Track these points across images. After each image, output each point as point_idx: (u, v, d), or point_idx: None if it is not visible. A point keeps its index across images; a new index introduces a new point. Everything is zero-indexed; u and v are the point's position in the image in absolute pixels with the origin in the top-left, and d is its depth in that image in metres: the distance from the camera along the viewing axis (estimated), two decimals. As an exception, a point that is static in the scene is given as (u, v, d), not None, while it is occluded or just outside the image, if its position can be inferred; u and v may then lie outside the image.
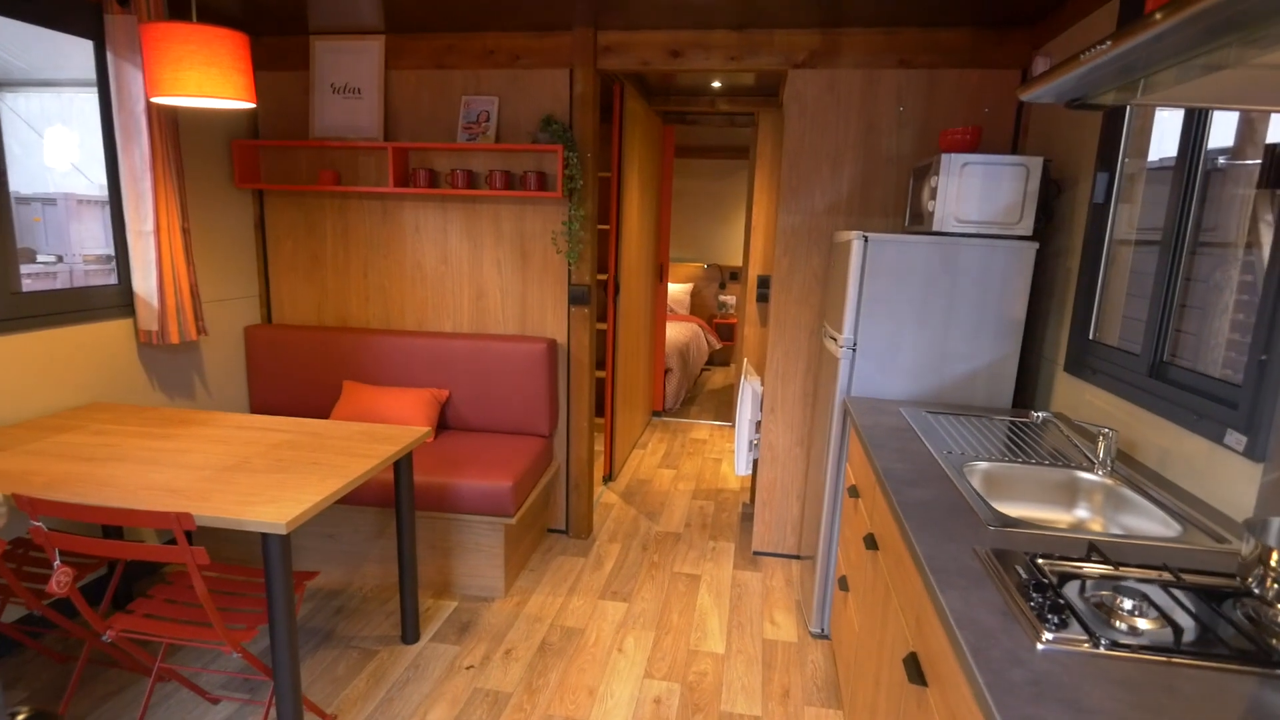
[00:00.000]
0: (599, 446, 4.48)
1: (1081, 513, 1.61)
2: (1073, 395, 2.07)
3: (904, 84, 2.66)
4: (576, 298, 2.99)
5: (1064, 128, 2.29)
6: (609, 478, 3.94)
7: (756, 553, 3.13)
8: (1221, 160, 2.00)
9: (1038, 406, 2.30)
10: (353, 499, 2.64)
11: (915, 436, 1.82)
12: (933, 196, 2.22)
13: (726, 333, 7.27)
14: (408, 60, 2.97)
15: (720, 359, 7.47)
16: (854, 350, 2.28)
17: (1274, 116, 1.56)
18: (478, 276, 3.09)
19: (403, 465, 2.25)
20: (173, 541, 1.66)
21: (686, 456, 4.44)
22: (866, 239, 2.21)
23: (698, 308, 7.39)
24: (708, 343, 6.80)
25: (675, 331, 5.93)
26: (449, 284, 3.12)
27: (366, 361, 3.11)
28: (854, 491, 2.01)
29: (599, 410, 5.00)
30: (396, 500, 2.27)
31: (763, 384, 3.20)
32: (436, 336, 3.07)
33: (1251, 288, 1.52)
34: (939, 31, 2.61)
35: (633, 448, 4.51)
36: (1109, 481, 1.57)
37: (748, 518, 3.52)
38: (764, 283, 4.20)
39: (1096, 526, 1.57)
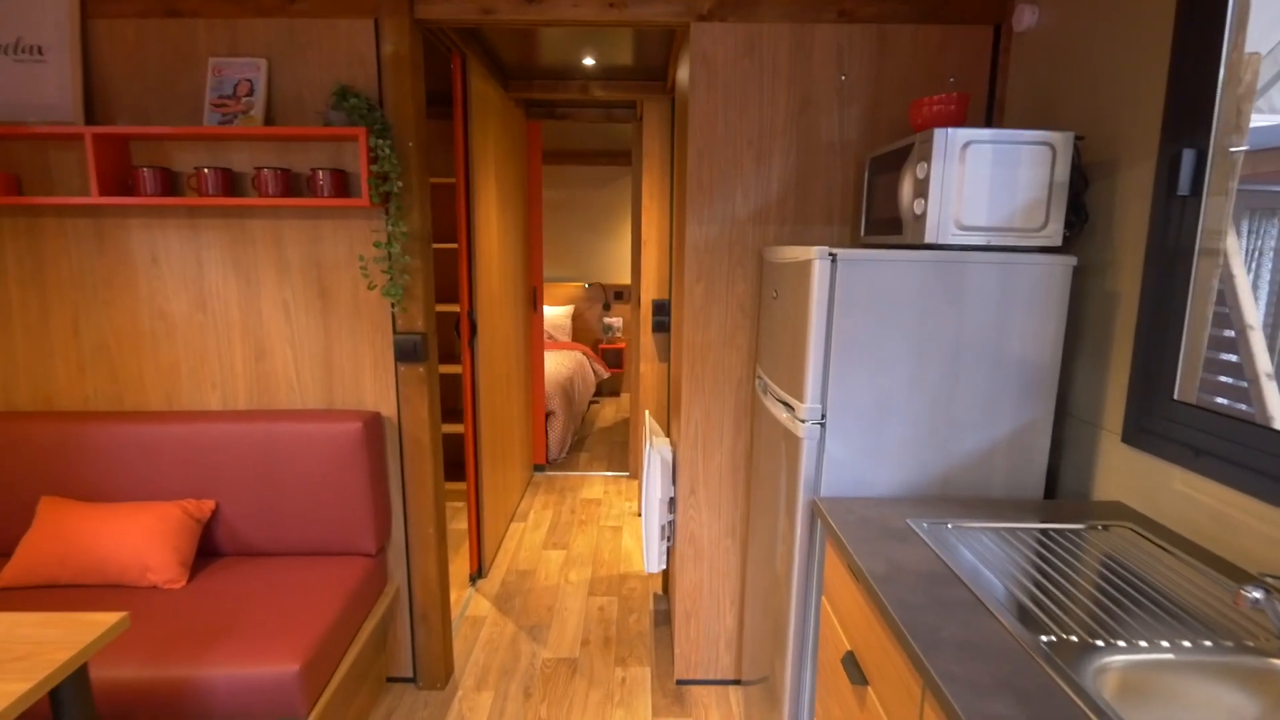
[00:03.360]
0: (460, 522, 3.53)
1: (1298, 745, 0.90)
2: (1144, 481, 1.40)
3: (846, 44, 1.96)
4: (405, 351, 2.06)
5: (1073, 94, 1.64)
6: (477, 575, 3.00)
7: (681, 681, 2.31)
8: None
9: (1072, 490, 1.62)
10: None
11: (962, 591, 1.07)
12: (921, 193, 1.50)
13: (614, 359, 6.48)
14: (120, 4, 1.94)
15: (609, 388, 6.66)
16: (823, 426, 1.52)
17: None
18: (255, 327, 2.09)
19: (68, 688, 1.25)
20: None
21: (578, 527, 3.57)
22: (834, 259, 1.46)
23: (580, 333, 6.55)
24: (594, 372, 5.98)
25: (556, 364, 5.06)
26: (211, 339, 2.10)
27: (82, 463, 2.03)
28: (855, 671, 1.23)
29: (460, 474, 4.04)
30: (62, 752, 1.26)
31: (674, 449, 2.40)
32: (195, 419, 2.04)
33: None
34: (888, -28, 1.93)
35: (509, 522, 3.59)
36: (1346, 689, 0.87)
37: (663, 618, 2.71)
38: (661, 309, 3.44)
39: (1340, 779, 0.87)
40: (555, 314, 6.28)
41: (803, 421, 1.52)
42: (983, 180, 1.46)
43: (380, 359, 2.10)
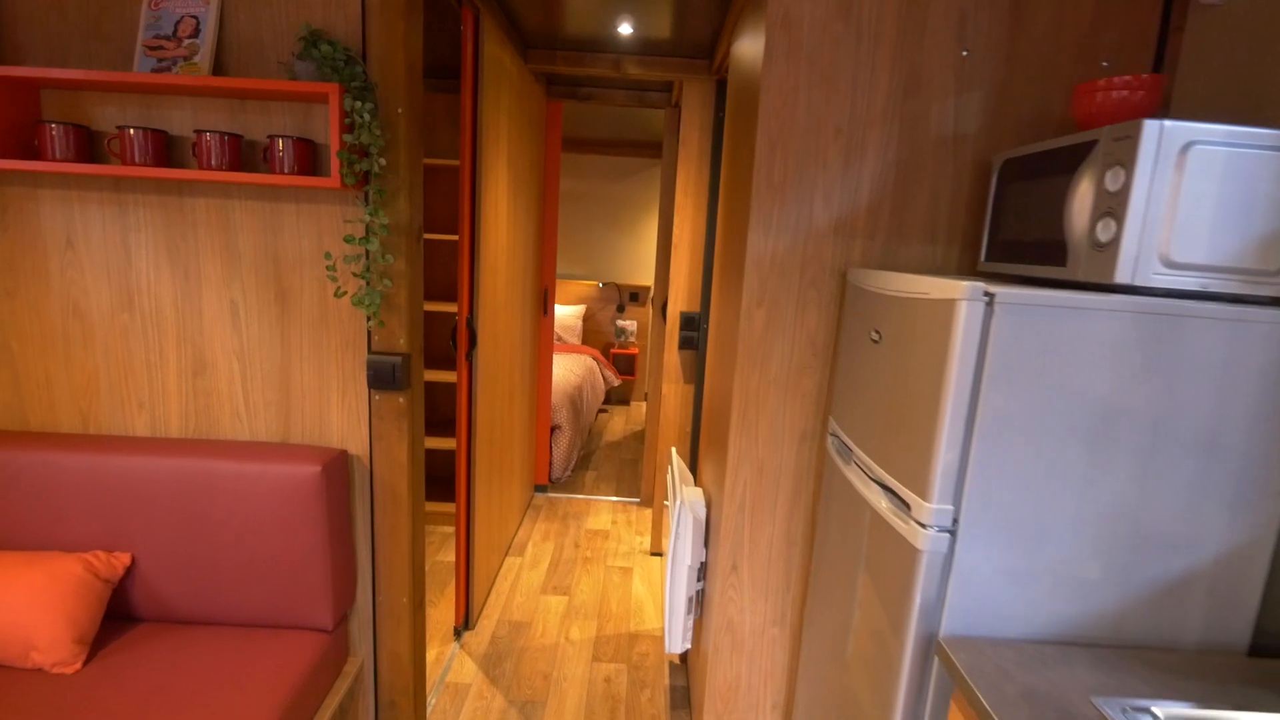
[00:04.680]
0: (448, 553, 3.09)
1: None
2: None
3: (971, 10, 1.51)
4: (382, 376, 1.62)
5: (1313, 86, 1.19)
6: (464, 627, 2.56)
7: (704, 796, 1.88)
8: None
9: (1276, 634, 1.18)
10: None
11: None
12: (1111, 211, 1.05)
13: (626, 365, 6.04)
14: (35, -90, 1.50)
15: (619, 396, 6.22)
16: (953, 534, 1.07)
17: None
18: (194, 333, 1.65)
19: None
20: None
21: (582, 565, 3.14)
22: (991, 300, 1.01)
23: (591, 335, 6.11)
24: (604, 378, 5.54)
25: (564, 370, 4.62)
26: (139, 347, 1.66)
27: (-35, 496, 1.60)
28: None
29: (449, 494, 3.61)
30: None
31: (708, 505, 1.97)
32: (111, 447, 1.60)
33: None
34: (1035, -83, 1.48)
35: (504, 556, 3.16)
36: None
37: (681, 699, 2.27)
38: (690, 323, 2.99)
39: None
40: (565, 314, 5.84)
41: (924, 527, 1.08)
42: (1206, 198, 1.02)
43: (350, 383, 1.66)
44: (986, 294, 1.01)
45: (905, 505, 1.14)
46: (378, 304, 1.54)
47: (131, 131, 1.46)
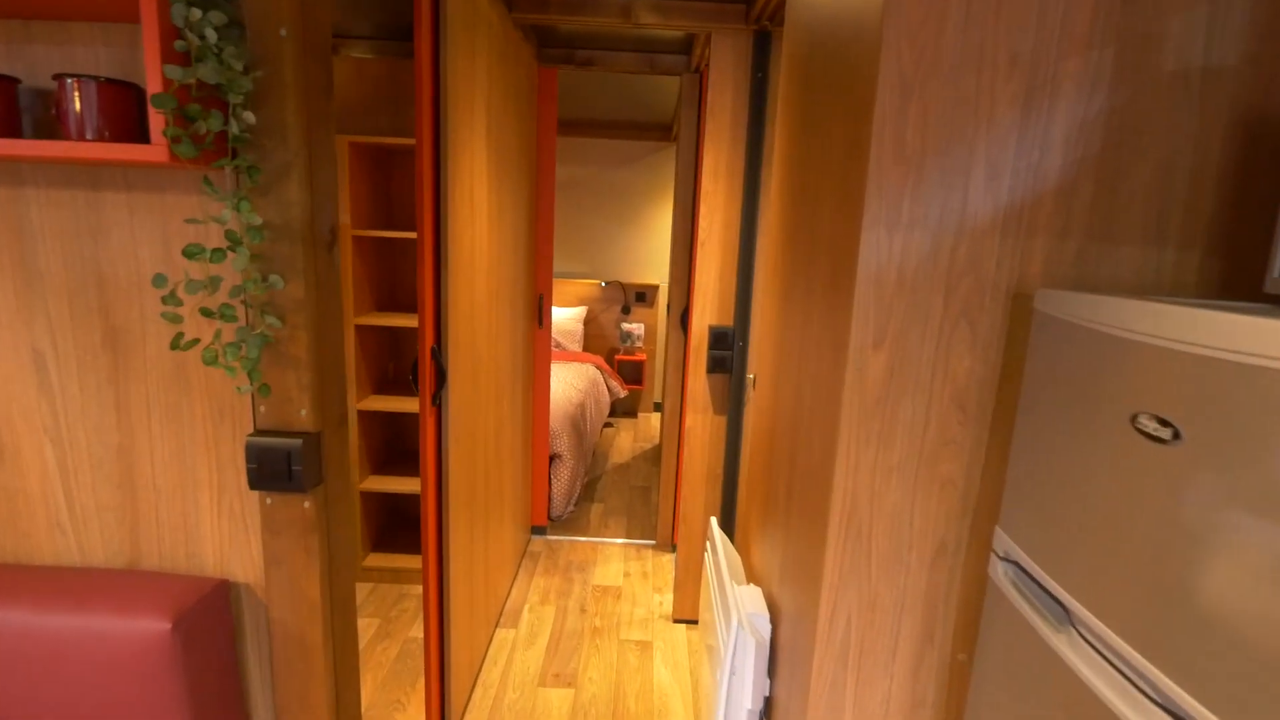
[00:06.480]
0: (419, 629, 2.50)
1: None
2: None
3: None
4: (269, 470, 1.01)
5: None
6: (438, 747, 1.97)
7: None
8: None
9: None
10: None
11: None
12: None
13: (633, 373, 5.44)
14: None
15: (625, 408, 5.62)
16: None
17: None
18: (-20, 401, 1.05)
19: None
20: None
21: (590, 638, 2.54)
22: None
23: (593, 340, 5.50)
24: (609, 390, 4.94)
25: (565, 385, 4.01)
26: (-104, 421, 1.06)
27: None
28: None
29: (417, 542, 3.00)
30: None
31: (772, 617, 1.39)
32: None
33: None
34: None
35: (494, 628, 2.56)
36: None
37: None
38: (723, 340, 2.39)
39: None
40: (563, 317, 5.23)
41: None
42: None
43: (230, 474, 1.06)
44: None
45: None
46: (254, 359, 0.93)
47: None
